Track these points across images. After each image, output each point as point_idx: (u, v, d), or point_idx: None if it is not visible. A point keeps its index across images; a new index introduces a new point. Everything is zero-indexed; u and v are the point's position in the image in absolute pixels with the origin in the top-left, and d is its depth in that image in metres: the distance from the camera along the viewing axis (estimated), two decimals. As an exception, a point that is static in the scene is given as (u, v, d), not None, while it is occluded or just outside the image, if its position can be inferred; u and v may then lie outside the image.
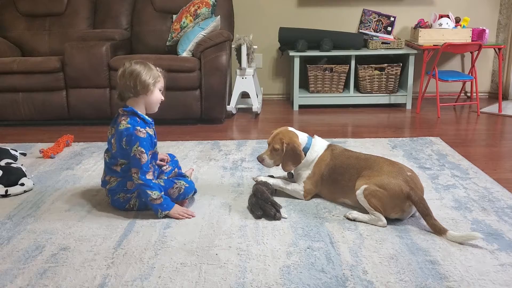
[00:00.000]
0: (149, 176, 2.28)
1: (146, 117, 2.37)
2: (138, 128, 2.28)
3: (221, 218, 2.34)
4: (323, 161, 2.47)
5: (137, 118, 2.31)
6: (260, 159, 2.52)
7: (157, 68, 2.38)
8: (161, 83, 2.38)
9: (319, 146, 2.52)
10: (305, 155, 2.49)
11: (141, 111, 2.34)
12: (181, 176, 2.54)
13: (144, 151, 2.26)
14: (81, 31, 4.38)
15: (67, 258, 2.00)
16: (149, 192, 2.27)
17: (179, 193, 2.39)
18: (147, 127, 2.33)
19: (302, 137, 2.53)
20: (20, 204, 2.53)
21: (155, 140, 2.42)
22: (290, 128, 2.55)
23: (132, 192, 2.37)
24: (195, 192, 2.54)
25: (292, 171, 2.58)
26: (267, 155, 2.51)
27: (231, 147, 3.42)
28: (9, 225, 2.29)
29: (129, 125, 2.28)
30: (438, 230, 2.12)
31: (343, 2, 4.85)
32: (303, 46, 4.46)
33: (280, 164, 2.51)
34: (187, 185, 2.42)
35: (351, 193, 2.34)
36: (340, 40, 4.55)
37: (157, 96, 2.36)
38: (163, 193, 2.31)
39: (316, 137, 2.58)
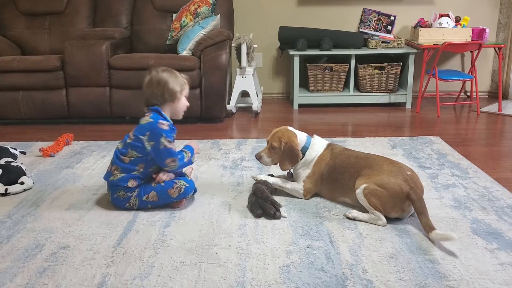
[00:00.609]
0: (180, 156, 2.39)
1: (170, 121, 2.41)
2: (160, 121, 2.32)
3: (221, 217, 2.34)
4: (322, 160, 2.48)
5: (159, 115, 2.36)
6: (258, 157, 2.52)
7: (182, 74, 2.44)
8: (186, 90, 2.44)
9: (318, 145, 2.52)
10: (304, 155, 2.49)
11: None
12: (181, 175, 2.54)
13: (170, 140, 2.32)
14: (81, 29, 4.38)
15: (67, 256, 2.00)
16: (181, 162, 2.38)
17: (179, 193, 2.38)
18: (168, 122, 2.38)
19: (301, 137, 2.53)
20: (19, 203, 2.53)
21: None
22: (290, 128, 2.55)
23: (132, 191, 2.37)
24: (195, 191, 2.55)
25: (292, 171, 2.58)
26: (265, 153, 2.51)
27: (231, 146, 3.42)
28: (8, 224, 2.29)
29: (151, 120, 2.33)
30: (427, 228, 2.08)
31: (343, 1, 4.85)
32: (303, 45, 4.46)
33: (278, 163, 2.52)
34: (187, 185, 2.41)
35: (351, 192, 2.34)
36: (340, 39, 4.55)
37: (183, 103, 2.44)
38: (183, 155, 2.39)
39: (315, 136, 2.58)
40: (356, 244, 2.07)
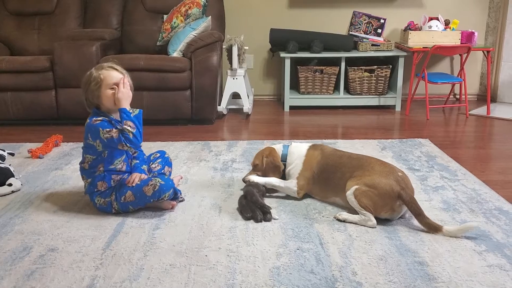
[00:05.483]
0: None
1: (112, 116, 2.35)
2: (94, 118, 2.32)
3: (211, 219, 2.33)
4: (314, 159, 2.50)
5: (95, 115, 2.35)
6: (246, 180, 2.56)
7: (102, 70, 2.32)
8: (106, 82, 2.30)
9: (298, 148, 2.60)
10: (286, 161, 2.60)
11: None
12: (160, 174, 2.53)
13: (110, 129, 2.27)
14: (71, 30, 4.35)
15: (55, 259, 1.98)
16: (130, 140, 2.27)
17: (154, 190, 2.29)
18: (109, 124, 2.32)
19: (278, 148, 2.65)
20: (7, 205, 2.50)
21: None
22: (271, 146, 2.67)
23: (108, 196, 2.36)
24: (177, 195, 2.44)
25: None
26: (251, 174, 2.61)
27: (222, 148, 3.41)
28: (-4, 226, 2.27)
29: (87, 120, 2.35)
30: (433, 228, 2.14)
31: (334, 4, 4.86)
32: (294, 47, 4.47)
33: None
34: (162, 182, 2.31)
35: (342, 192, 2.35)
36: (330, 42, 4.56)
37: (107, 96, 2.31)
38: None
39: (292, 143, 2.67)
40: (345, 246, 2.07)
